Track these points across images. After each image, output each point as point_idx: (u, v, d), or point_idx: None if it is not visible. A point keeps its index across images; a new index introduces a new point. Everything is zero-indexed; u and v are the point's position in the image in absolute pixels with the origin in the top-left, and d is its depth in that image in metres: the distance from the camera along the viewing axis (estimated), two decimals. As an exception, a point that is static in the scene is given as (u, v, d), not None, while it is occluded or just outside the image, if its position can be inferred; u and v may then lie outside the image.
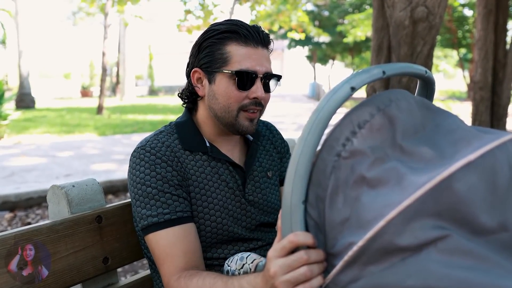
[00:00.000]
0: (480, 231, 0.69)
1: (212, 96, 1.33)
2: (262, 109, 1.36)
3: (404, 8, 2.56)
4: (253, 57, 1.30)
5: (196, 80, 1.37)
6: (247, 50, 1.29)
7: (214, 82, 1.32)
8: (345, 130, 0.82)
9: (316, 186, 0.81)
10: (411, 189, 0.70)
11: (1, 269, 1.14)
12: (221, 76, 1.30)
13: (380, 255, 0.72)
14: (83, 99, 25.10)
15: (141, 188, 1.26)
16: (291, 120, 14.56)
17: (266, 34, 1.34)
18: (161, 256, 1.23)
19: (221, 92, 1.31)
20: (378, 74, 0.84)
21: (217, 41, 1.30)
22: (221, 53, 1.30)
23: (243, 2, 15.12)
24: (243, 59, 1.29)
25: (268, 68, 1.33)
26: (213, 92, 1.33)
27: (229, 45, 1.30)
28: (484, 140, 0.74)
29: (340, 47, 30.16)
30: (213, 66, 1.31)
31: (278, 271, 0.83)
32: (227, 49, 1.29)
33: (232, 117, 1.32)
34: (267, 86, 1.34)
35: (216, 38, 1.31)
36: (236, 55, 1.29)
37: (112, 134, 11.20)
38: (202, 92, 1.37)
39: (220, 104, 1.32)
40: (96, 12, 22.20)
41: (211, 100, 1.34)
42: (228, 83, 1.30)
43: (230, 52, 1.29)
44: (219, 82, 1.31)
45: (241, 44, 1.29)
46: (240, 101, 1.31)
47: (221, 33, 1.30)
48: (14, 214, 5.01)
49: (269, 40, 1.35)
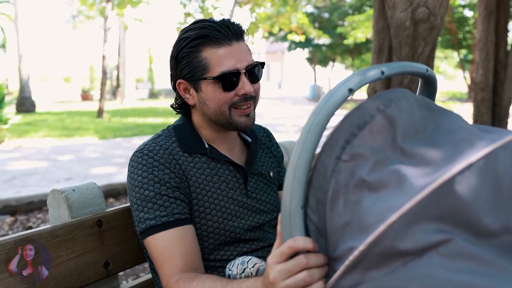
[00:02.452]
0: (483, 234, 0.68)
1: (203, 103, 1.34)
2: (255, 100, 1.37)
3: (405, 9, 2.56)
4: (231, 55, 1.29)
5: (183, 90, 1.37)
6: (223, 50, 1.28)
7: (200, 90, 1.32)
8: (344, 132, 0.82)
9: (317, 190, 0.81)
10: (412, 192, 0.70)
11: (2, 274, 1.13)
12: (206, 83, 1.30)
13: (381, 259, 0.71)
14: (83, 103, 25.09)
15: (139, 192, 1.26)
16: (291, 122, 14.55)
17: (238, 26, 1.32)
18: (159, 259, 1.23)
19: (209, 98, 1.31)
20: (376, 75, 0.83)
21: (191, 49, 1.30)
22: (199, 60, 1.29)
23: (242, 5, 15.13)
24: (222, 60, 1.28)
25: (248, 61, 1.32)
26: (202, 99, 1.33)
27: (204, 51, 1.29)
28: (486, 140, 0.73)
29: (340, 49, 30.14)
30: (195, 75, 1.31)
31: (278, 276, 0.82)
32: (203, 55, 1.29)
33: (227, 117, 1.32)
34: (254, 77, 1.34)
35: (189, 47, 1.30)
36: (213, 58, 1.28)
37: (112, 137, 11.20)
38: (192, 101, 1.37)
39: (212, 109, 1.33)
40: (96, 16, 22.20)
41: (203, 106, 1.34)
42: (214, 88, 1.30)
43: (206, 58, 1.29)
44: (205, 89, 1.31)
45: (215, 47, 1.28)
46: (229, 101, 1.31)
47: (192, 40, 1.29)
48: (15, 218, 5.01)
49: (241, 31, 1.33)
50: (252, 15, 15.36)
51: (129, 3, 14.72)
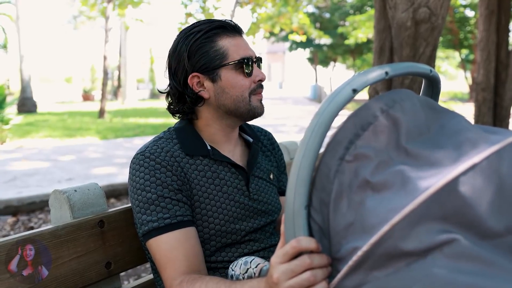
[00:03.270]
0: (487, 234, 0.68)
1: (221, 92, 1.34)
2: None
3: (406, 9, 2.56)
4: (242, 45, 1.36)
5: (197, 84, 1.35)
6: (236, 40, 1.35)
7: (219, 78, 1.33)
8: (348, 133, 0.82)
9: (320, 191, 0.81)
10: (416, 193, 0.69)
11: (3, 275, 1.13)
12: (225, 70, 1.33)
13: (385, 260, 0.71)
14: (84, 103, 25.13)
15: (141, 194, 1.26)
16: (293, 123, 14.55)
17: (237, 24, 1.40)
18: (162, 261, 1.22)
19: (230, 85, 1.33)
20: (380, 75, 0.83)
21: (207, 40, 1.32)
22: (216, 49, 1.32)
23: (244, 5, 15.14)
24: (238, 48, 1.34)
25: (254, 53, 1.39)
26: (221, 88, 1.34)
27: (220, 40, 1.33)
28: (490, 141, 0.73)
29: (342, 49, 30.18)
30: (213, 64, 1.32)
31: (281, 277, 0.82)
32: (220, 44, 1.33)
33: (247, 104, 1.35)
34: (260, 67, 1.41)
35: (204, 38, 1.32)
36: (231, 46, 1.33)
37: (113, 137, 11.21)
38: (207, 94, 1.35)
39: (233, 96, 1.34)
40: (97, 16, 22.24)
41: (221, 96, 1.34)
42: (234, 74, 1.33)
43: (224, 46, 1.33)
44: (224, 76, 1.33)
45: (230, 36, 1.34)
46: (249, 87, 1.35)
47: (207, 32, 1.33)
48: (17, 219, 5.01)
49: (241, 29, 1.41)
50: (253, 15, 15.38)
51: (130, 3, 14.72)
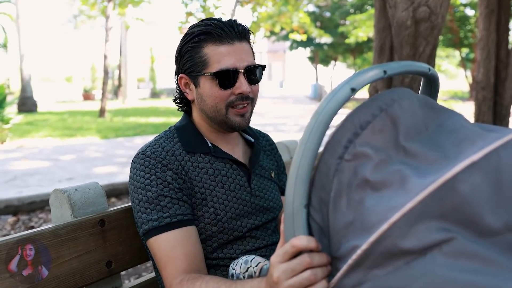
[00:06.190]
0: (486, 232, 0.68)
1: (200, 98, 1.36)
2: (252, 102, 1.38)
3: (406, 8, 2.56)
4: (231, 54, 1.31)
5: (184, 85, 1.40)
6: (224, 48, 1.30)
7: (199, 85, 1.35)
8: (347, 132, 0.82)
9: (319, 190, 0.81)
10: (415, 191, 0.70)
11: (3, 274, 1.14)
12: (204, 79, 1.33)
13: (384, 258, 0.71)
14: (85, 102, 25.12)
15: (142, 193, 1.27)
16: (293, 122, 14.54)
17: (242, 27, 1.35)
18: (162, 260, 1.23)
19: (207, 94, 1.33)
20: (379, 74, 0.83)
21: (194, 45, 1.33)
22: (200, 56, 1.32)
23: (244, 4, 15.13)
24: (221, 58, 1.30)
25: (249, 61, 1.33)
26: (200, 95, 1.35)
27: (205, 47, 1.31)
28: (488, 139, 0.73)
29: (342, 48, 30.17)
30: (195, 70, 1.34)
31: (281, 276, 0.82)
32: (204, 51, 1.31)
33: (222, 115, 1.34)
34: (253, 78, 1.35)
35: (193, 42, 1.33)
36: (213, 55, 1.30)
37: (114, 137, 11.21)
38: (191, 96, 1.39)
39: (209, 105, 1.34)
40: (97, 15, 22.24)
41: (200, 102, 1.37)
42: (211, 84, 1.32)
43: (207, 54, 1.31)
44: (203, 84, 1.33)
45: (216, 44, 1.31)
46: (226, 99, 1.33)
47: (196, 36, 1.32)
48: (17, 218, 5.02)
49: (245, 32, 1.35)
50: (254, 14, 15.38)
51: (131, 2, 14.73)
